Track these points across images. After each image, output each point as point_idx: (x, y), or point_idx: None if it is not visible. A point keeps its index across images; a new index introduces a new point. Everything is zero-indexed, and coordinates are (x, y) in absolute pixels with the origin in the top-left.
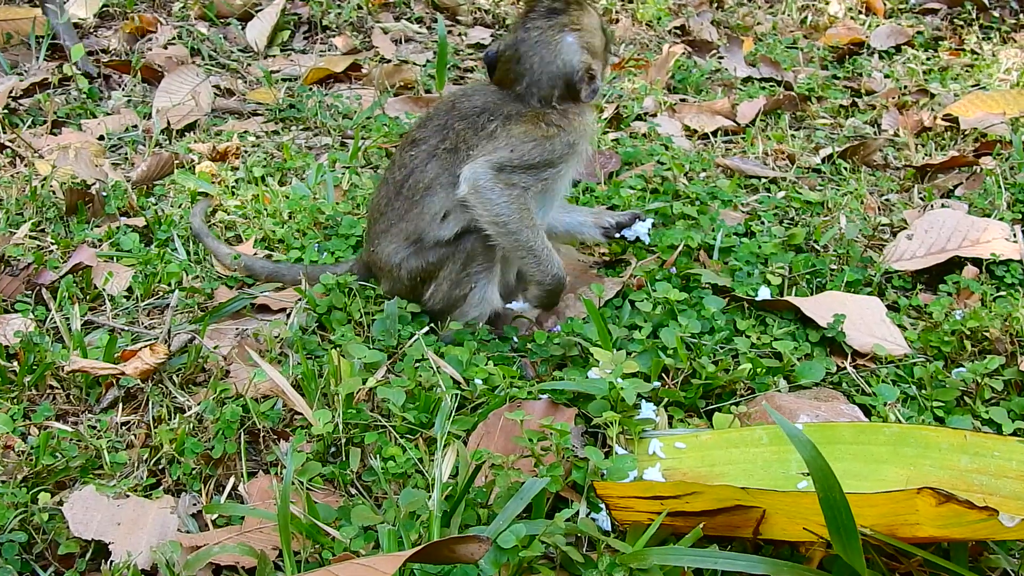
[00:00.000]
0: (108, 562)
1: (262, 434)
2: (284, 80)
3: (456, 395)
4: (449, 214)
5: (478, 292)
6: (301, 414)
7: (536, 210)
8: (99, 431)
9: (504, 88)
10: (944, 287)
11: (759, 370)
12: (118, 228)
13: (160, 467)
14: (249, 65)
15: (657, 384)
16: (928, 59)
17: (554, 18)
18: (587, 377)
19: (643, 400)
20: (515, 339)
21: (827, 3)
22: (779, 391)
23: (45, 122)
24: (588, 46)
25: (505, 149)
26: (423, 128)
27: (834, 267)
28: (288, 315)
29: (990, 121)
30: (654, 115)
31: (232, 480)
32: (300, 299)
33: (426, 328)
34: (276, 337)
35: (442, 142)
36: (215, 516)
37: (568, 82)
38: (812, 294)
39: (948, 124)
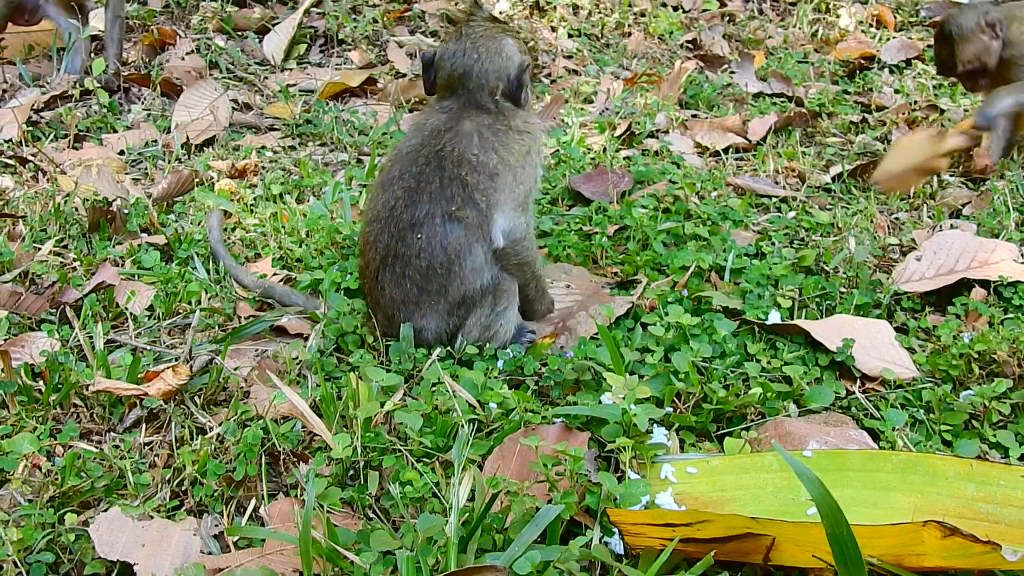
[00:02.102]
0: None
1: (282, 456)
2: (301, 93)
3: (473, 421)
4: (484, 264)
5: (505, 326)
6: (319, 435)
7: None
8: (123, 451)
9: (450, 94)
10: (952, 309)
11: (769, 395)
12: (139, 246)
13: (183, 488)
14: (266, 78)
15: (669, 409)
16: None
17: (495, 23)
18: (600, 401)
19: (655, 425)
20: (520, 354)
21: (838, 16)
22: (789, 416)
23: (66, 136)
24: (523, 52)
25: (515, 185)
26: (414, 195)
27: (843, 290)
28: (306, 338)
29: None
30: (666, 132)
31: (253, 502)
32: (318, 323)
33: (439, 351)
34: (295, 359)
35: (451, 203)
36: (236, 538)
37: (511, 77)
38: (822, 317)
39: None
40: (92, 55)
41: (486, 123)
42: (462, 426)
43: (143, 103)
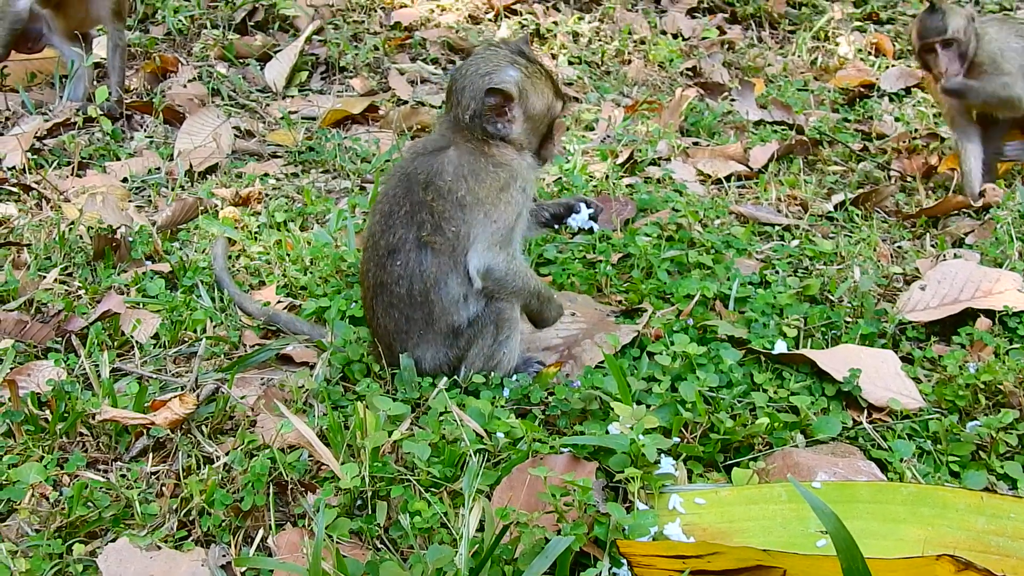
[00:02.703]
0: None
1: (289, 486)
2: (303, 120)
3: (480, 451)
4: (468, 294)
5: (508, 354)
6: (327, 465)
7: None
8: (130, 480)
9: (446, 114)
10: (958, 339)
11: (776, 425)
12: (144, 274)
13: (190, 518)
14: (268, 105)
15: (676, 439)
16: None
17: (511, 53)
18: (607, 431)
19: (663, 455)
20: (527, 383)
21: (837, 44)
22: (796, 446)
23: (70, 163)
24: (523, 89)
25: (487, 222)
26: (389, 220)
27: (848, 319)
28: (312, 366)
29: None
30: (668, 159)
31: (261, 532)
32: (324, 351)
33: (445, 381)
34: (301, 388)
35: (421, 228)
36: (244, 569)
37: (483, 100)
38: (827, 346)
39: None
40: (94, 83)
41: (466, 150)
42: (471, 456)
43: (146, 131)
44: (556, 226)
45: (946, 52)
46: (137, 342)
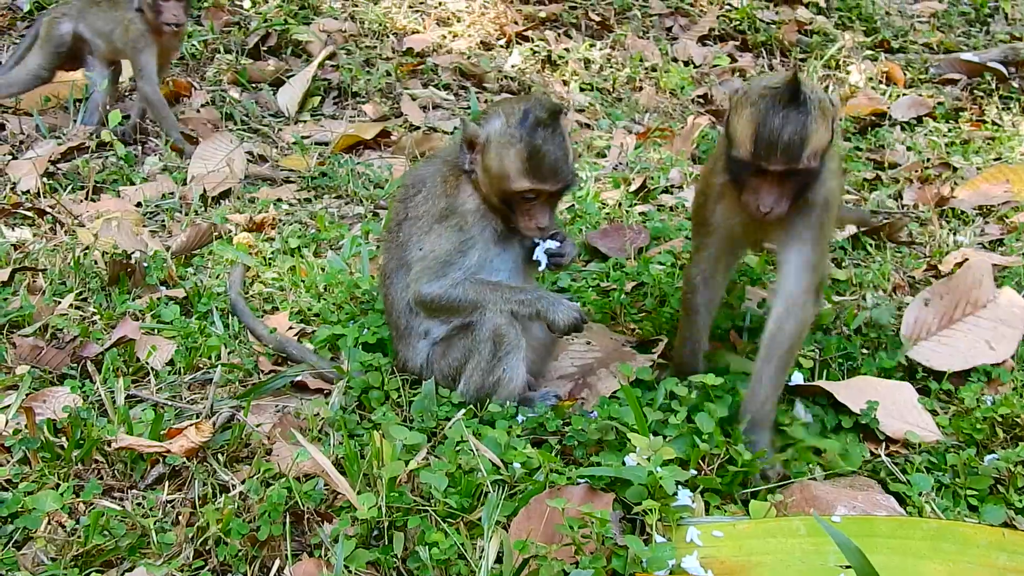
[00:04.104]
0: None
1: (306, 515)
2: (315, 146)
3: (499, 482)
4: (431, 327)
5: (509, 374)
6: (343, 494)
7: (490, 269)
8: (146, 509)
9: None
10: (975, 373)
11: (795, 458)
12: (159, 299)
13: (206, 547)
14: (280, 130)
15: (694, 472)
16: (949, 130)
17: (523, 111)
18: (624, 462)
19: (680, 486)
20: (545, 412)
21: (848, 73)
22: (814, 479)
23: (83, 187)
24: (488, 142)
25: (420, 246)
26: (387, 232)
27: (865, 351)
28: (327, 393)
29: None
30: (681, 187)
31: (277, 562)
32: (341, 378)
33: (463, 411)
34: (317, 416)
35: (391, 221)
36: None
37: (462, 139)
38: (843, 378)
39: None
40: (108, 107)
41: (442, 171)
42: (489, 487)
43: (159, 155)
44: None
45: None
46: (152, 368)
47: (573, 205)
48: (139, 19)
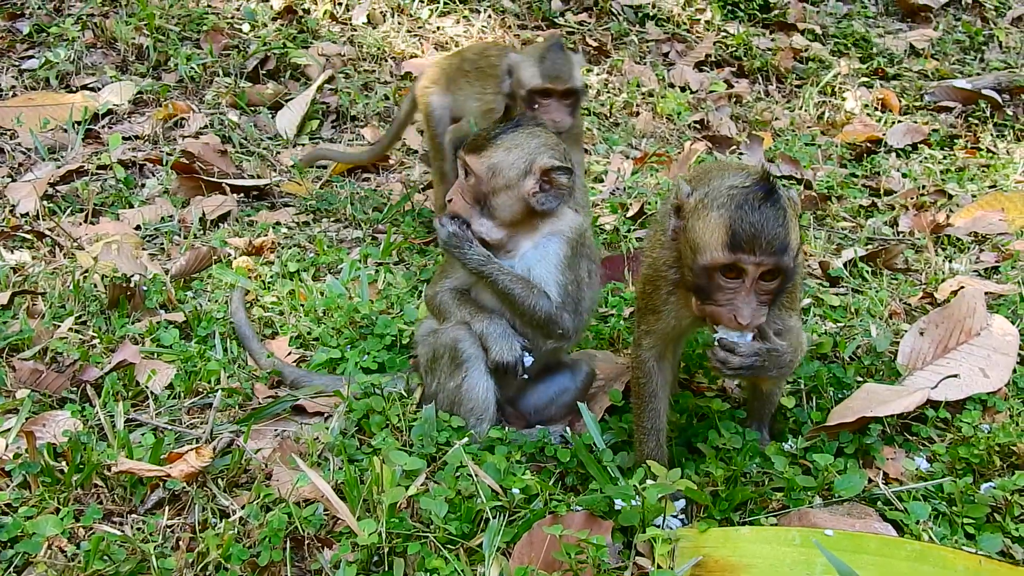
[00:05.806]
0: None
1: (306, 541)
2: (314, 169)
3: (499, 508)
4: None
5: (470, 393)
6: (343, 520)
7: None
8: (146, 534)
9: None
10: (971, 403)
11: (794, 485)
12: (158, 323)
13: (207, 573)
14: (279, 153)
15: (684, 500)
16: (945, 158)
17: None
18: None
19: (678, 513)
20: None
21: (843, 99)
22: (811, 507)
23: (83, 210)
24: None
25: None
26: None
27: (860, 378)
28: (326, 418)
29: (998, 227)
30: None
31: None
32: (340, 403)
33: (465, 439)
34: (316, 440)
35: None
36: None
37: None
38: (835, 404)
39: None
40: None
41: None
42: (489, 514)
43: (158, 178)
44: None
45: None
46: (152, 392)
47: None
48: None
